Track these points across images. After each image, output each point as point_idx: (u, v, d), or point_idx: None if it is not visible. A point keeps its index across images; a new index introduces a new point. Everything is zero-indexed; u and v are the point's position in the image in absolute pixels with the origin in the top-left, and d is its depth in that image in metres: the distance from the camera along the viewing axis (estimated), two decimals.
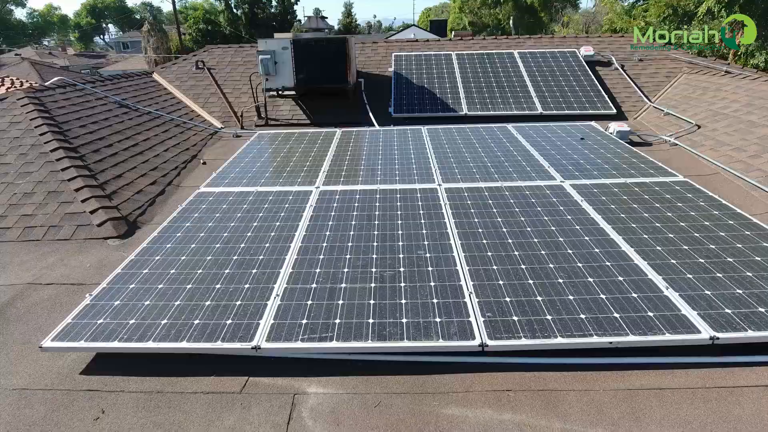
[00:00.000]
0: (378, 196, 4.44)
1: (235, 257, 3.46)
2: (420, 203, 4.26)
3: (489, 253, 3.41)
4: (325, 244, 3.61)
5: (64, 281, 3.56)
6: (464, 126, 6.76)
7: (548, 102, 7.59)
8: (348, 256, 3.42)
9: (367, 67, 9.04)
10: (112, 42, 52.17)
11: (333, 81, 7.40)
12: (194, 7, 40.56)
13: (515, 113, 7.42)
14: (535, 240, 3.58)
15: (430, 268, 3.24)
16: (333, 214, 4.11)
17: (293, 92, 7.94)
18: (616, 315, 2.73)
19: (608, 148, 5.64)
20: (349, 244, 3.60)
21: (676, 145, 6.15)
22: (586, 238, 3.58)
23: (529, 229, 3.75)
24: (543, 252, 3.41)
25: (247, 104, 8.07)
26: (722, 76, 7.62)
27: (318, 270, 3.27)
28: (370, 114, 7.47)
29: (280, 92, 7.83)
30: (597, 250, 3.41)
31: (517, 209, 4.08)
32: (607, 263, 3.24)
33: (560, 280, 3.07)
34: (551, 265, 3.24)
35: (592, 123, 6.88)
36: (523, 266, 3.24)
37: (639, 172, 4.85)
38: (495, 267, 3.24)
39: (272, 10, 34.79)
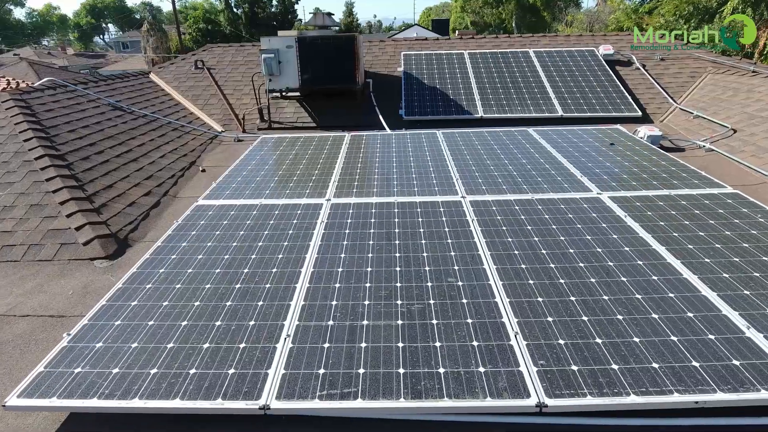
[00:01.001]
0: (396, 210, 3.98)
1: (238, 285, 3.00)
2: (444, 219, 3.79)
3: (530, 281, 2.95)
4: (340, 269, 3.14)
5: (42, 312, 3.09)
6: (482, 129, 6.30)
7: (568, 104, 7.13)
8: (368, 285, 2.96)
9: (374, 67, 8.57)
10: (112, 42, 51.64)
11: (340, 81, 6.94)
12: (194, 7, 40.08)
13: (534, 116, 6.95)
14: (581, 264, 3.11)
15: (464, 300, 2.78)
16: (347, 232, 3.64)
17: (298, 93, 7.48)
18: (696, 364, 2.26)
19: (642, 154, 5.18)
20: (368, 269, 3.14)
21: (712, 150, 5.68)
22: (639, 262, 3.12)
23: (571, 250, 3.28)
24: (592, 280, 2.94)
25: (249, 106, 7.61)
26: (752, 76, 7.15)
27: (334, 302, 2.80)
28: (380, 116, 7.01)
29: (284, 93, 7.36)
30: (655, 278, 2.94)
31: (554, 226, 3.62)
32: (670, 294, 2.78)
33: (620, 317, 2.60)
34: (605, 297, 2.77)
35: (618, 126, 6.41)
36: (572, 298, 2.78)
37: (682, 182, 4.39)
38: (540, 299, 2.78)
39: (273, 10, 34.28)
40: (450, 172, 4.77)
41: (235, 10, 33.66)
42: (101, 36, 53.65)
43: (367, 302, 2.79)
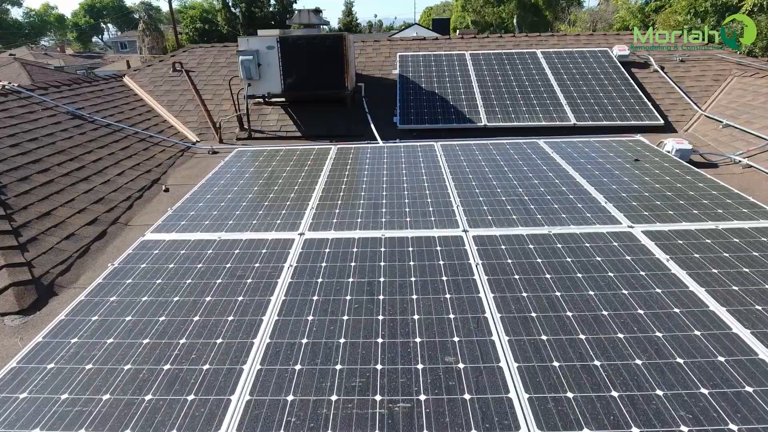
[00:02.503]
0: (383, 249, 3.21)
1: (167, 367, 2.24)
2: (441, 263, 3.03)
3: (555, 363, 2.18)
4: (305, 341, 2.38)
5: None
6: (486, 141, 5.53)
7: (582, 111, 6.35)
8: (338, 367, 2.20)
9: (367, 70, 7.80)
10: (110, 42, 50.89)
11: (328, 86, 6.17)
12: (194, 6, 39.31)
13: (543, 125, 6.18)
14: (620, 335, 2.35)
15: (467, 396, 2.02)
16: (320, 281, 2.88)
17: (283, 99, 6.72)
18: None
19: (673, 173, 4.40)
20: (341, 340, 2.37)
21: (750, 166, 4.90)
22: (697, 332, 2.35)
23: (605, 312, 2.52)
24: (639, 361, 2.18)
25: (230, 113, 6.84)
26: None
27: (291, 397, 2.04)
28: (372, 125, 6.24)
29: (267, 99, 6.60)
30: (723, 359, 2.18)
31: (579, 275, 2.85)
32: (752, 388, 2.01)
33: (685, 429, 1.84)
34: (659, 392, 2.01)
35: (640, 137, 5.64)
36: (614, 393, 2.01)
37: (728, 210, 3.61)
38: (571, 394, 2.01)
39: (271, 9, 33.49)
40: (449, 197, 4.01)
41: (232, 9, 32.88)
42: (100, 36, 52.86)
43: (334, 398, 2.03)
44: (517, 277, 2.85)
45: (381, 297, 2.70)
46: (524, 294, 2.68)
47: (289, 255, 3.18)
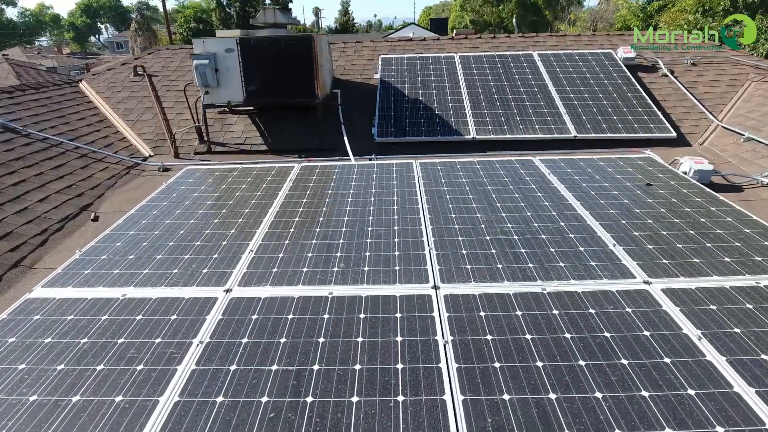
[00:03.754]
0: (327, 316, 2.45)
1: None
2: (399, 339, 2.27)
3: None
4: None
5: None
6: (473, 158, 4.76)
7: (583, 121, 5.58)
8: None
9: (347, 74, 7.03)
10: (107, 42, 50.10)
11: (296, 94, 5.41)
12: (188, 6, 38.50)
13: (540, 137, 5.41)
14: None
15: None
16: (233, 369, 2.12)
17: (251, 108, 5.96)
18: None
19: (692, 202, 3.63)
20: None
21: None
22: None
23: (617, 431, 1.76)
24: None
25: (191, 123, 6.09)
26: None
27: None
28: (345, 139, 5.47)
29: (228, 108, 5.84)
30: None
31: (582, 363, 2.08)
32: None
33: None
34: None
35: (650, 154, 4.87)
36: None
37: None
38: None
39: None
40: (422, 234, 3.24)
41: (227, 9, 32.11)
42: (97, 36, 52.02)
43: None
44: (498, 365, 2.09)
45: (309, 399, 1.94)
46: (506, 396, 1.92)
47: (203, 325, 2.42)
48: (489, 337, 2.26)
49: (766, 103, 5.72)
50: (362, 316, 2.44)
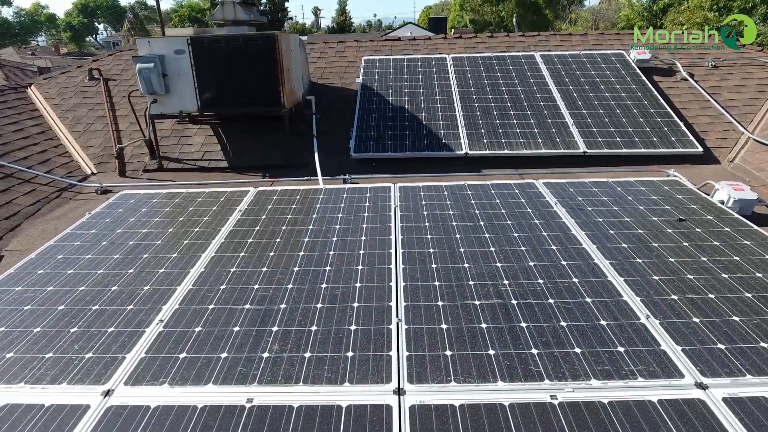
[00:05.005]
0: None
1: None
2: None
3: None
4: None
5: None
6: (464, 181, 3.94)
7: (593, 134, 4.76)
8: None
9: (326, 77, 6.21)
10: (104, 41, 49.23)
11: (257, 102, 4.59)
12: (188, 6, 37.66)
13: (543, 153, 4.59)
14: None
15: None
16: None
17: (212, 117, 5.15)
18: None
19: (740, 246, 2.81)
20: None
21: None
22: None
23: None
24: None
25: (162, 132, 5.28)
26: None
27: None
28: (315, 155, 4.64)
29: (184, 118, 5.04)
30: None
31: None
32: None
33: None
34: None
35: (674, 174, 4.06)
36: None
37: None
38: None
39: (261, 8, 31.83)
40: (390, 297, 2.43)
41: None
42: (94, 36, 51.13)
43: None
44: None
45: None
46: None
47: None
48: None
49: None
50: None
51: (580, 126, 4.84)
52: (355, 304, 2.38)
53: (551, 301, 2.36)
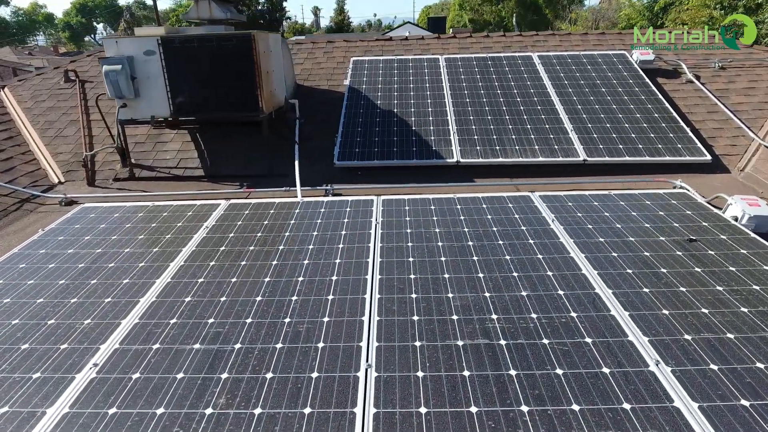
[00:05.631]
0: None
1: None
2: None
3: None
4: None
5: None
6: (453, 194, 3.62)
7: (594, 140, 4.43)
8: None
9: (312, 79, 5.89)
10: (101, 41, 48.86)
11: (234, 108, 4.27)
12: (187, 5, 37.30)
13: (540, 161, 4.27)
14: None
15: None
16: None
17: (193, 122, 4.84)
18: None
19: (760, 273, 2.49)
20: None
21: None
22: None
23: None
24: None
25: (137, 137, 4.97)
26: None
27: None
28: (296, 164, 4.32)
29: (156, 123, 4.72)
30: None
31: None
32: None
33: None
34: None
35: (681, 185, 3.74)
36: None
37: None
38: None
39: (260, 8, 31.52)
40: (361, 336, 2.11)
41: None
42: (92, 35, 50.81)
43: None
44: None
45: None
46: None
47: None
48: None
49: None
50: None
51: (580, 132, 4.52)
52: (320, 344, 2.07)
53: (546, 341, 2.04)
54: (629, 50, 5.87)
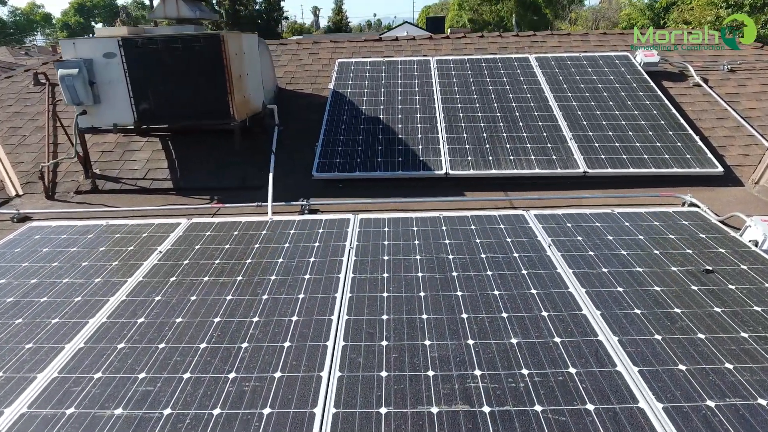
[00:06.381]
0: None
1: None
2: None
3: None
4: None
5: None
6: (438, 213, 3.25)
7: (595, 150, 4.07)
8: None
9: (295, 82, 5.52)
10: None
11: (204, 115, 3.91)
12: None
13: (536, 173, 3.90)
14: None
15: None
16: None
17: (164, 128, 4.47)
18: None
19: None
20: None
21: None
22: None
23: None
24: None
25: (105, 146, 4.62)
26: None
27: None
28: (270, 176, 3.95)
29: (121, 131, 4.36)
30: None
31: None
32: None
33: None
34: None
35: (691, 201, 3.37)
36: None
37: None
38: None
39: (257, 8, 31.15)
40: (314, 400, 1.74)
41: (216, 7, 30.57)
42: (91, 35, 50.22)
43: None
44: None
45: None
46: None
47: None
48: None
49: None
50: None
51: (580, 140, 4.15)
52: (266, 410, 1.70)
53: (538, 408, 1.67)
54: (632, 51, 5.49)
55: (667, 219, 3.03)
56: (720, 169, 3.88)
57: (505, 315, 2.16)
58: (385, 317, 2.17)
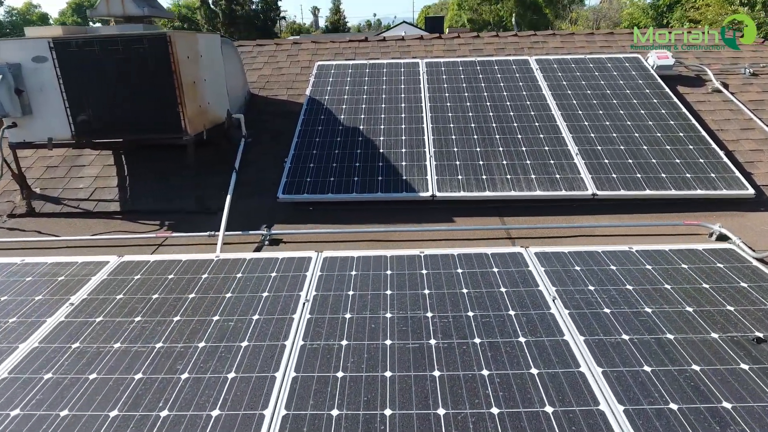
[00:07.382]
0: None
1: None
2: None
3: None
4: None
5: None
6: (419, 250, 2.68)
7: (605, 167, 3.50)
8: None
9: (270, 87, 4.95)
10: None
11: (150, 128, 3.34)
12: (187, 6, 36.36)
13: (538, 196, 3.33)
14: None
15: None
16: None
17: (118, 142, 3.91)
18: None
19: None
20: None
21: None
22: None
23: None
24: None
25: (50, 160, 4.07)
26: None
27: None
28: (227, 199, 3.38)
29: (53, 146, 3.79)
30: None
31: None
32: None
33: None
34: None
35: (723, 233, 2.80)
36: None
37: None
38: None
39: (253, 7, 30.55)
40: None
41: (212, 7, 30.03)
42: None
43: None
44: None
45: None
46: None
47: None
48: None
49: None
50: None
51: (588, 156, 3.59)
52: None
53: None
54: (642, 53, 4.92)
55: (697, 260, 2.46)
56: (751, 191, 3.31)
57: (495, 411, 1.60)
58: (335, 413, 1.61)
